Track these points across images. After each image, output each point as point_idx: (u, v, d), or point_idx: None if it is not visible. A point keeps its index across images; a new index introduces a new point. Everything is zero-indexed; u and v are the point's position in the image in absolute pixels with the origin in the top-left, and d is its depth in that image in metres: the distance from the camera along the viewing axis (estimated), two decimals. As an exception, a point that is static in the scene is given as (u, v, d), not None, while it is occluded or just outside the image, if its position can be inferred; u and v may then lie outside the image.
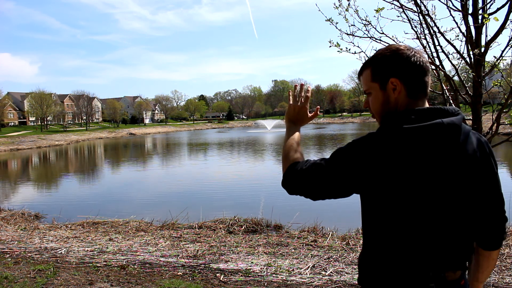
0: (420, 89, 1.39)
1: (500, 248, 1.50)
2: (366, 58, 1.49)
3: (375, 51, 2.69)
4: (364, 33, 3.05)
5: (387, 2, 2.91)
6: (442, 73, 2.98)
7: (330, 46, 3.12)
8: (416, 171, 1.30)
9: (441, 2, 2.76)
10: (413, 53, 1.38)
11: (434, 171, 1.31)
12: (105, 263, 5.22)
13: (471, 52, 2.75)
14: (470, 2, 2.72)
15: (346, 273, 4.60)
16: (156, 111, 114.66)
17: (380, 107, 1.44)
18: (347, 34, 3.09)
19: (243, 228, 7.70)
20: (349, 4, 3.02)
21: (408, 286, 1.34)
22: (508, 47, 2.68)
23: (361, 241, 2.51)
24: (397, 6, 2.90)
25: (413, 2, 2.83)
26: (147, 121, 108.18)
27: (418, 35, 2.96)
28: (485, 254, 1.49)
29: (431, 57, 2.95)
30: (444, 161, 1.32)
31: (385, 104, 1.42)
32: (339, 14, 3.08)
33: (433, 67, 2.98)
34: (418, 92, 1.39)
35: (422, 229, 1.33)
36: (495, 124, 2.83)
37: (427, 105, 1.41)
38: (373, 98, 1.45)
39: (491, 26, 2.88)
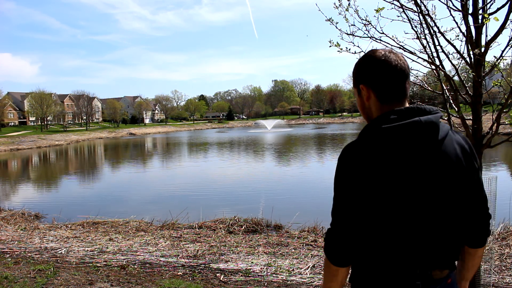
0: (392, 93, 1.38)
1: (485, 245, 1.52)
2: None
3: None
4: (364, 33, 3.04)
5: (387, 2, 2.90)
6: (442, 73, 2.98)
7: (330, 46, 3.12)
8: (396, 169, 1.32)
9: (441, 2, 2.76)
10: (383, 58, 1.38)
11: (414, 168, 1.33)
12: (105, 263, 5.22)
13: (471, 52, 2.75)
14: (470, 2, 2.72)
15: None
16: (156, 111, 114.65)
17: (361, 112, 1.49)
18: (347, 34, 3.09)
19: (243, 228, 7.70)
20: (349, 4, 3.02)
21: (395, 283, 1.36)
22: (508, 47, 2.68)
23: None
24: (397, 6, 2.90)
25: (413, 2, 2.83)
26: (147, 121, 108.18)
27: (418, 35, 2.96)
28: (470, 252, 1.51)
29: (431, 57, 2.95)
30: (424, 159, 1.33)
31: (363, 109, 1.47)
32: (339, 14, 3.08)
33: (433, 67, 2.98)
34: (390, 96, 1.39)
35: (407, 227, 1.35)
36: (495, 124, 2.83)
37: (407, 105, 1.41)
38: (357, 103, 1.51)
39: (491, 26, 2.88)
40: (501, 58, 2.72)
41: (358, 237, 1.38)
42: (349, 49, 3.10)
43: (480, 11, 2.71)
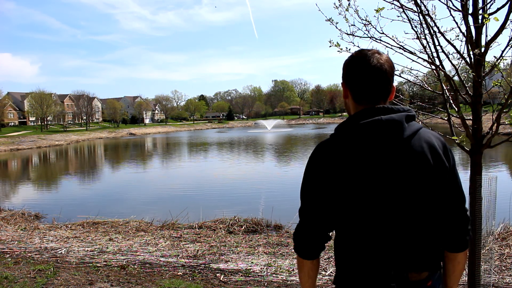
0: (366, 93, 1.39)
1: (466, 250, 1.46)
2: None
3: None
4: (364, 33, 3.04)
5: (387, 2, 2.90)
6: (442, 73, 2.98)
7: (330, 46, 3.12)
8: (361, 168, 1.33)
9: (441, 2, 2.75)
10: (362, 59, 1.39)
11: (378, 166, 1.33)
12: (105, 263, 5.22)
13: (471, 52, 2.75)
14: (470, 2, 2.72)
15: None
16: (156, 111, 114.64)
17: (345, 107, 1.53)
18: (347, 34, 3.08)
19: (243, 228, 7.70)
20: (349, 4, 3.01)
21: (370, 285, 1.36)
22: (508, 47, 2.68)
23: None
24: (397, 6, 2.90)
25: (413, 2, 2.82)
26: (147, 121, 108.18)
27: (418, 35, 2.96)
28: (450, 257, 1.46)
29: (431, 57, 2.95)
30: (387, 157, 1.34)
31: (345, 105, 1.51)
32: (339, 14, 3.08)
33: (433, 67, 2.98)
34: (364, 97, 1.40)
35: (378, 226, 1.35)
36: (495, 124, 2.83)
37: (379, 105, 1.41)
38: None
39: (491, 26, 2.88)
40: (501, 58, 2.72)
41: (324, 233, 1.44)
42: (349, 49, 3.10)
43: (480, 11, 2.71)
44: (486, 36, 2.74)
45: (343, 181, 1.34)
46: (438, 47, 2.90)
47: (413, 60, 3.04)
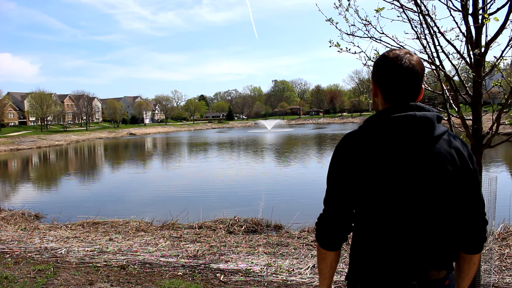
0: (396, 93, 1.40)
1: (481, 252, 1.48)
2: (366, 58, 1.52)
3: (375, 51, 2.69)
4: (364, 33, 3.04)
5: (387, 2, 2.90)
6: (442, 73, 2.98)
7: (330, 46, 3.12)
8: (389, 161, 1.34)
9: (441, 2, 2.75)
10: (394, 59, 1.40)
11: (406, 162, 1.34)
12: (105, 263, 5.22)
13: (471, 52, 2.75)
14: (470, 2, 2.72)
15: (346, 273, 4.60)
16: (156, 111, 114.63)
17: (373, 105, 1.54)
18: (347, 34, 3.09)
19: (243, 228, 7.70)
20: (349, 4, 3.02)
21: (391, 282, 1.36)
22: (508, 47, 2.68)
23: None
24: (397, 6, 2.90)
25: (413, 2, 2.82)
26: (147, 121, 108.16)
27: (418, 35, 2.96)
28: (466, 258, 1.47)
29: (431, 57, 2.95)
30: (416, 153, 1.34)
31: (373, 103, 1.52)
32: (339, 14, 3.08)
33: (433, 67, 2.98)
34: (394, 96, 1.41)
35: (401, 223, 1.35)
36: (495, 124, 2.83)
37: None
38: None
39: (491, 26, 2.88)
40: (501, 58, 2.72)
41: (348, 224, 1.43)
42: (349, 49, 3.10)
43: (480, 11, 2.71)
44: (486, 36, 2.74)
45: (370, 173, 1.34)
46: (438, 47, 2.90)
47: (413, 60, 3.03)
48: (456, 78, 3.01)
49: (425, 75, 3.81)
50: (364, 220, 1.41)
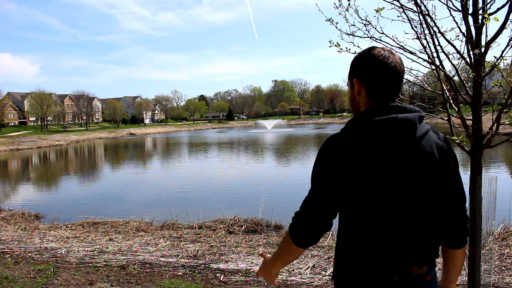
0: (382, 92, 1.41)
1: (464, 247, 1.52)
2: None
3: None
4: (364, 33, 3.04)
5: (387, 2, 2.90)
6: (442, 73, 2.98)
7: (330, 46, 3.12)
8: (374, 163, 1.34)
9: (441, 2, 2.75)
10: (381, 57, 1.40)
11: (390, 163, 1.35)
12: (105, 263, 5.22)
13: (471, 52, 2.75)
14: (470, 2, 2.72)
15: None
16: (156, 111, 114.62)
17: (350, 104, 1.52)
18: (347, 34, 3.08)
19: (243, 228, 7.70)
20: (349, 4, 3.01)
21: (372, 279, 1.38)
22: (508, 47, 2.68)
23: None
24: (397, 6, 2.90)
25: (413, 2, 2.82)
26: (147, 121, 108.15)
27: (418, 35, 2.96)
28: (449, 253, 1.52)
29: (431, 57, 2.95)
30: (400, 154, 1.36)
31: (352, 101, 1.50)
32: (339, 14, 3.08)
33: (433, 67, 2.98)
34: (379, 95, 1.41)
35: (384, 221, 1.37)
36: (495, 124, 2.82)
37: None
38: (348, 95, 1.55)
39: (491, 26, 2.87)
40: (501, 58, 2.72)
41: (327, 227, 1.43)
42: (349, 49, 3.10)
43: (480, 11, 2.71)
44: (486, 36, 2.74)
45: (354, 175, 1.35)
46: (438, 47, 2.90)
47: (413, 60, 3.04)
48: (456, 78, 3.01)
49: (425, 75, 3.80)
50: (349, 219, 1.43)
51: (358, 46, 3.08)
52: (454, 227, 1.48)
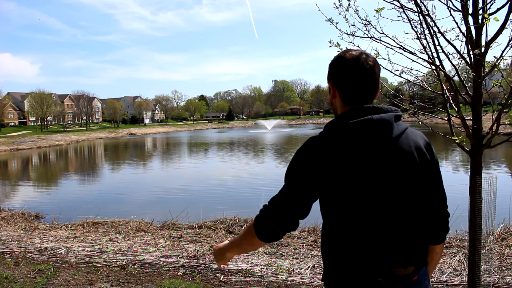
0: (355, 94, 1.42)
1: (443, 242, 1.58)
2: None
3: (375, 51, 2.69)
4: (364, 33, 3.04)
5: (387, 2, 2.90)
6: (442, 73, 2.98)
7: (330, 46, 3.12)
8: (352, 165, 1.35)
9: (441, 2, 2.75)
10: (351, 60, 1.40)
11: (368, 164, 1.35)
12: (105, 263, 5.22)
13: (471, 52, 2.75)
14: (470, 2, 2.72)
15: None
16: (156, 111, 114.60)
17: (331, 106, 1.55)
18: (347, 34, 3.08)
19: (243, 228, 7.69)
20: (349, 4, 3.01)
21: (357, 280, 1.38)
22: (508, 47, 2.68)
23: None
24: (397, 6, 2.90)
25: (413, 2, 2.82)
26: (147, 121, 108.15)
27: (418, 35, 2.96)
28: (430, 249, 1.56)
29: (431, 57, 2.95)
30: (377, 155, 1.36)
31: (331, 104, 1.53)
32: (339, 14, 3.08)
33: (433, 67, 2.98)
34: (353, 97, 1.42)
35: (365, 222, 1.38)
36: (495, 124, 2.82)
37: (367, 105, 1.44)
38: None
39: (491, 26, 2.87)
40: (501, 58, 2.72)
41: (293, 226, 1.45)
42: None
43: (480, 11, 2.71)
44: (486, 36, 2.74)
45: (333, 177, 1.36)
46: (438, 47, 2.90)
47: (413, 60, 3.04)
48: (456, 78, 3.01)
49: (425, 75, 3.80)
50: (331, 221, 1.44)
51: (358, 46, 3.08)
52: (434, 225, 1.52)
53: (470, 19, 2.73)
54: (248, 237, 1.53)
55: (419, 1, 2.78)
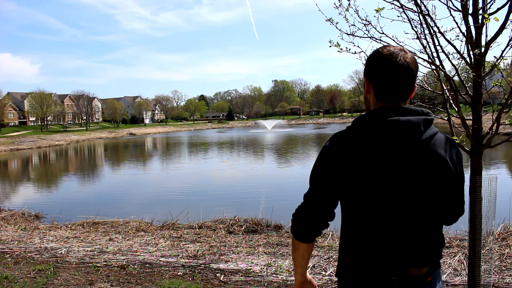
0: (388, 92, 1.40)
1: None
2: (366, 58, 1.50)
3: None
4: (364, 33, 3.04)
5: (387, 2, 2.90)
6: (442, 73, 2.98)
7: (330, 46, 3.12)
8: (375, 163, 1.35)
9: (441, 2, 2.75)
10: (388, 56, 1.38)
11: (390, 166, 1.35)
12: (105, 263, 5.22)
13: (471, 52, 2.75)
14: (470, 2, 2.72)
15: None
16: (156, 111, 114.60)
17: (364, 102, 1.53)
18: (347, 34, 3.08)
19: (243, 228, 7.69)
20: (349, 4, 3.01)
21: (371, 278, 1.39)
22: (508, 47, 2.68)
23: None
24: (397, 6, 2.90)
25: (413, 2, 2.82)
26: (147, 121, 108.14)
27: (418, 35, 2.96)
28: None
29: (431, 57, 2.95)
30: (400, 158, 1.36)
31: (365, 99, 1.52)
32: (339, 14, 3.08)
33: (433, 67, 2.98)
34: (386, 94, 1.40)
35: (384, 223, 1.38)
36: (495, 124, 2.82)
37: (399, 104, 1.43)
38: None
39: (491, 26, 2.88)
40: (501, 58, 2.72)
41: (326, 221, 1.46)
42: (349, 49, 3.10)
43: (480, 11, 2.71)
44: (486, 36, 2.74)
45: (356, 174, 1.37)
46: (438, 47, 2.90)
47: (413, 60, 3.03)
48: (456, 78, 3.01)
49: (425, 75, 3.80)
50: (350, 218, 1.45)
51: (358, 46, 3.08)
52: (448, 224, 1.54)
53: (470, 19, 2.73)
54: (292, 243, 1.55)
55: (419, 1, 2.77)
